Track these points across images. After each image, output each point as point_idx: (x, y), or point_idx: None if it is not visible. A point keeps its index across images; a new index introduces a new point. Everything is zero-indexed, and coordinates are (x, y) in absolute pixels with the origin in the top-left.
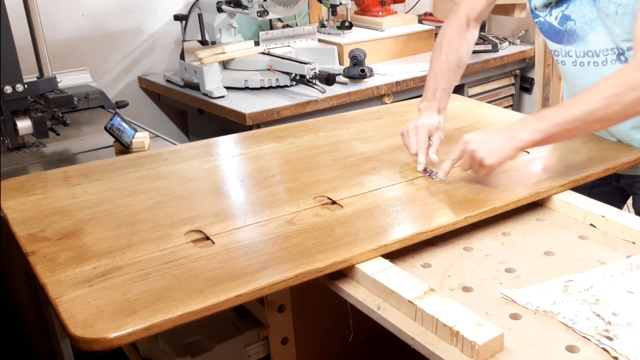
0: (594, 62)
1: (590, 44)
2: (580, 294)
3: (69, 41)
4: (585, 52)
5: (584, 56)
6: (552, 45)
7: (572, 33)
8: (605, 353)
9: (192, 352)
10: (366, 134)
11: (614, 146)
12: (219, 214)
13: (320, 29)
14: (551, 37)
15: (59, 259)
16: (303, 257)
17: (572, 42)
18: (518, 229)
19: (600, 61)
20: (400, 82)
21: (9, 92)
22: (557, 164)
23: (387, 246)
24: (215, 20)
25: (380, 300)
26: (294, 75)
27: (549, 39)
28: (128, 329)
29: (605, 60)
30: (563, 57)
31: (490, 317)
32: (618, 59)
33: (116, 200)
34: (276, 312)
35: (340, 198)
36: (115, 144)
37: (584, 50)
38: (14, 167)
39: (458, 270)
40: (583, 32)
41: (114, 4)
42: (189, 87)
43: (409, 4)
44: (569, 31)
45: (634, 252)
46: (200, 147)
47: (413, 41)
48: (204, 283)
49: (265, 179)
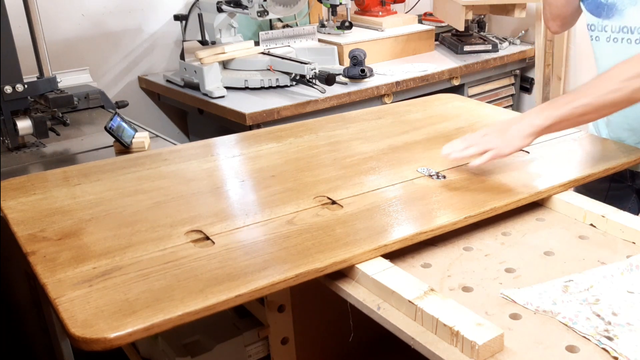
0: (628, 38)
1: (627, 18)
2: (580, 294)
3: (69, 41)
4: (621, 27)
5: (619, 32)
6: (590, 18)
7: (612, 6)
8: (605, 353)
9: (192, 352)
10: (366, 134)
11: (614, 146)
12: (219, 214)
13: (320, 29)
14: (592, 9)
15: (59, 259)
16: (303, 257)
17: (610, 16)
18: (518, 229)
19: (634, 39)
20: (400, 82)
21: (9, 92)
22: (557, 164)
23: (387, 246)
24: (215, 20)
25: (380, 300)
26: (294, 75)
27: (589, 12)
28: (128, 329)
29: (639, 38)
30: (599, 31)
31: (490, 317)
32: None
33: (116, 200)
34: (276, 312)
35: (340, 198)
36: (115, 144)
37: (620, 25)
38: (14, 167)
39: (458, 270)
40: (622, 6)
41: (114, 4)
42: (189, 87)
43: (409, 4)
44: (609, 4)
45: (634, 252)
46: (200, 147)
47: (413, 41)
48: (204, 283)
49: (265, 179)
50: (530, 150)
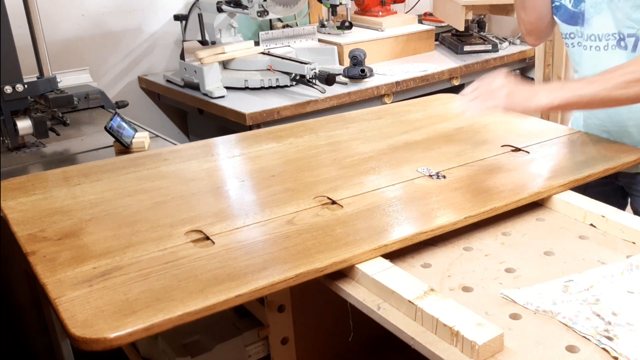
0: (596, 46)
1: (594, 27)
2: (580, 294)
3: (69, 41)
4: (588, 35)
5: (587, 39)
6: (564, 28)
7: (580, 15)
8: (605, 353)
9: (192, 352)
10: (366, 134)
11: (614, 146)
12: (219, 214)
13: (320, 29)
14: (565, 19)
15: (59, 259)
16: (303, 257)
17: (579, 24)
18: (518, 229)
19: (602, 46)
20: (400, 82)
21: (9, 92)
22: (557, 164)
23: (387, 246)
24: (215, 20)
25: (380, 300)
26: (294, 75)
27: (562, 22)
28: (128, 329)
29: (607, 45)
30: (570, 39)
31: (490, 317)
32: (618, 45)
33: (116, 200)
34: (276, 312)
35: (340, 198)
36: (115, 144)
37: (588, 33)
38: (14, 167)
39: (458, 270)
40: (589, 15)
41: (114, 4)
42: (189, 87)
43: (409, 4)
44: (581, 13)
45: (634, 252)
46: (200, 147)
47: (413, 41)
48: (204, 283)
49: (265, 179)
50: (530, 150)
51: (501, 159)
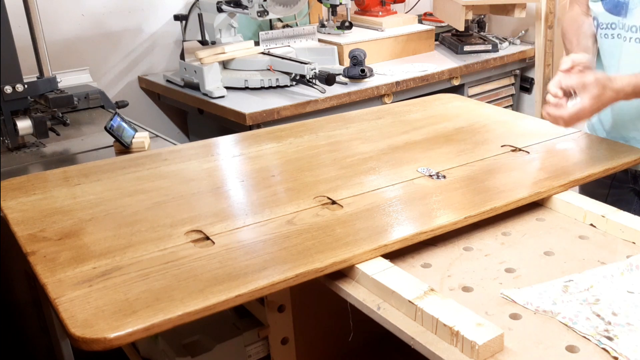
0: (637, 38)
1: (636, 18)
2: (580, 294)
3: (69, 41)
4: (629, 26)
5: (627, 30)
6: (605, 17)
7: (624, 5)
8: (605, 353)
9: (192, 352)
10: (366, 134)
11: (614, 146)
12: (219, 214)
13: (320, 29)
14: (609, 9)
15: (59, 259)
16: (303, 257)
17: (622, 14)
18: (518, 229)
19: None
20: (400, 82)
21: (9, 92)
22: (557, 164)
23: (387, 246)
24: (215, 20)
25: (380, 300)
26: (294, 75)
27: (606, 11)
28: (128, 329)
29: None
30: (611, 30)
31: (490, 317)
32: None
33: (116, 200)
34: (276, 312)
35: (340, 198)
36: (115, 144)
37: (629, 24)
38: (14, 167)
39: (458, 270)
40: (633, 5)
41: (114, 4)
42: (189, 87)
43: (409, 4)
44: (625, 3)
45: (634, 252)
46: (200, 147)
47: (413, 41)
48: (204, 283)
49: (265, 179)
50: (530, 150)
51: (501, 159)
